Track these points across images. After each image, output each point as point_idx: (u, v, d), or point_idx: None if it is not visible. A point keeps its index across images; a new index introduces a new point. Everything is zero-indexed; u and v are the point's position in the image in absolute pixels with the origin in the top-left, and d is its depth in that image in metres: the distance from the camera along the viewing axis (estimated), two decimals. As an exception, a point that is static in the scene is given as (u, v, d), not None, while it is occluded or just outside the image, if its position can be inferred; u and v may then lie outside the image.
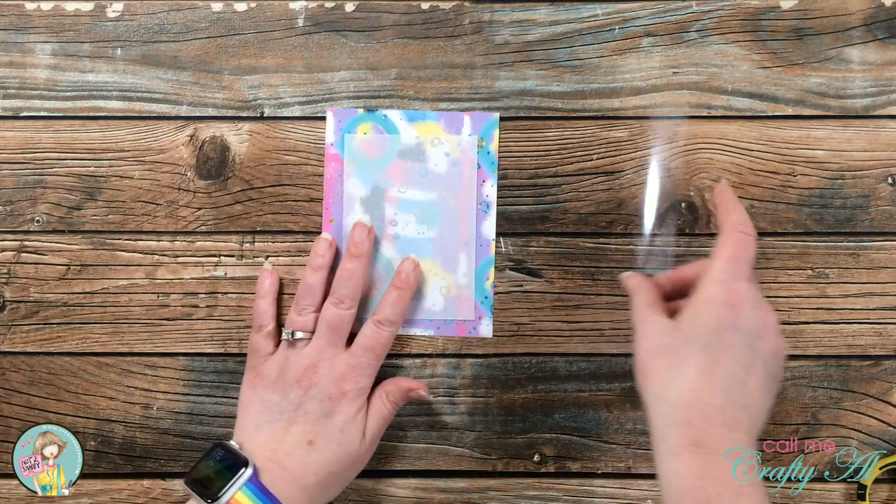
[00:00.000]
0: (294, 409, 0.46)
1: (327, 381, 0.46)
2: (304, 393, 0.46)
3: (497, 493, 0.52)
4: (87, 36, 0.53)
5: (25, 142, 0.53)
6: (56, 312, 0.52)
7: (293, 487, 0.44)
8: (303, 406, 0.46)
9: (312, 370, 0.47)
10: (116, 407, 0.52)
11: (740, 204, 0.45)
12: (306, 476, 0.45)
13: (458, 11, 0.53)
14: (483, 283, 0.52)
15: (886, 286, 0.52)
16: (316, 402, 0.46)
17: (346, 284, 0.48)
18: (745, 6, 0.53)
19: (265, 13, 0.53)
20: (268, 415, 0.46)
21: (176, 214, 0.53)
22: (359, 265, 0.49)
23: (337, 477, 0.47)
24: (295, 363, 0.47)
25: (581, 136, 0.53)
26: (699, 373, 0.39)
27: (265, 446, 0.45)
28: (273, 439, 0.46)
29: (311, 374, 0.47)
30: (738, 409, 0.39)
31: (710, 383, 0.39)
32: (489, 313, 0.52)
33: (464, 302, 0.52)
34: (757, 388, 0.40)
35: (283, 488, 0.44)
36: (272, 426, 0.46)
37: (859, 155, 0.52)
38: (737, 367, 0.39)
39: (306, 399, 0.46)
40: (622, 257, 0.52)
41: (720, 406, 0.38)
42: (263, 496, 0.42)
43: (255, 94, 0.53)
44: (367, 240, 0.50)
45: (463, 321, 0.52)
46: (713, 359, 0.39)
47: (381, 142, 0.53)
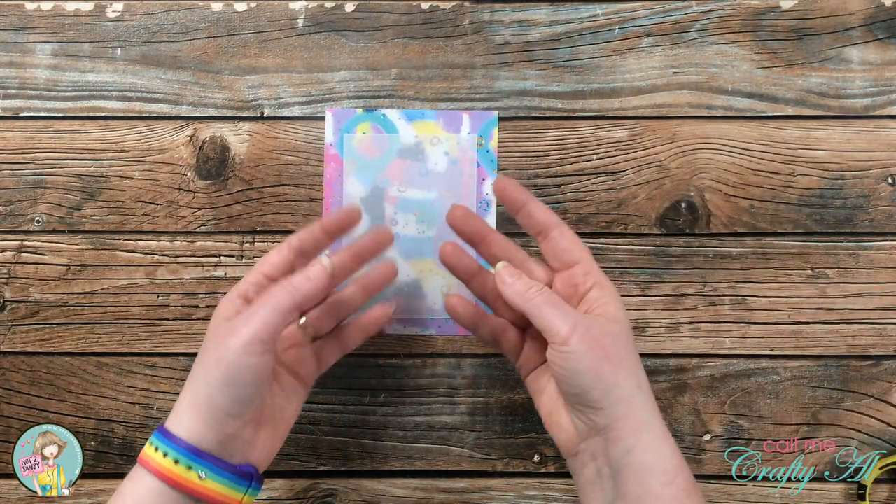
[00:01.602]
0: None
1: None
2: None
3: (497, 493, 0.52)
4: (87, 36, 0.53)
5: (25, 142, 0.53)
6: (56, 312, 0.52)
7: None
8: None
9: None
10: (116, 407, 0.52)
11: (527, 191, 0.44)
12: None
13: (458, 11, 0.53)
14: (483, 282, 0.52)
15: (886, 286, 0.52)
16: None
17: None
18: (745, 6, 0.53)
19: (265, 13, 0.53)
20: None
21: (176, 214, 0.53)
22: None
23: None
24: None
25: (581, 137, 0.53)
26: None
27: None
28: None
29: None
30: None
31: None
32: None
33: None
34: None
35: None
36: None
37: (859, 155, 0.52)
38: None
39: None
40: (622, 257, 0.52)
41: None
42: (159, 435, 0.40)
43: (255, 94, 0.53)
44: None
45: (463, 321, 0.52)
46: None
47: (381, 141, 0.53)
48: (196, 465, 0.39)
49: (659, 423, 0.39)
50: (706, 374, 0.52)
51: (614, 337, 0.39)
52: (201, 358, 0.41)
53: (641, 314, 0.52)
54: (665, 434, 0.39)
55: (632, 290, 0.52)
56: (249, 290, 0.42)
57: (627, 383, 0.39)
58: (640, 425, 0.38)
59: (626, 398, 0.38)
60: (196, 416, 0.40)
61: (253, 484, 0.41)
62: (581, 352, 0.38)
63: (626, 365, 0.39)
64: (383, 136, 0.53)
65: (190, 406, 0.40)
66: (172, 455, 0.39)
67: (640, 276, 0.52)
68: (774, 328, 0.52)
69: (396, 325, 0.53)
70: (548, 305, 0.40)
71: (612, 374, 0.38)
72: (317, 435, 0.52)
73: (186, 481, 0.39)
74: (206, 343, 0.41)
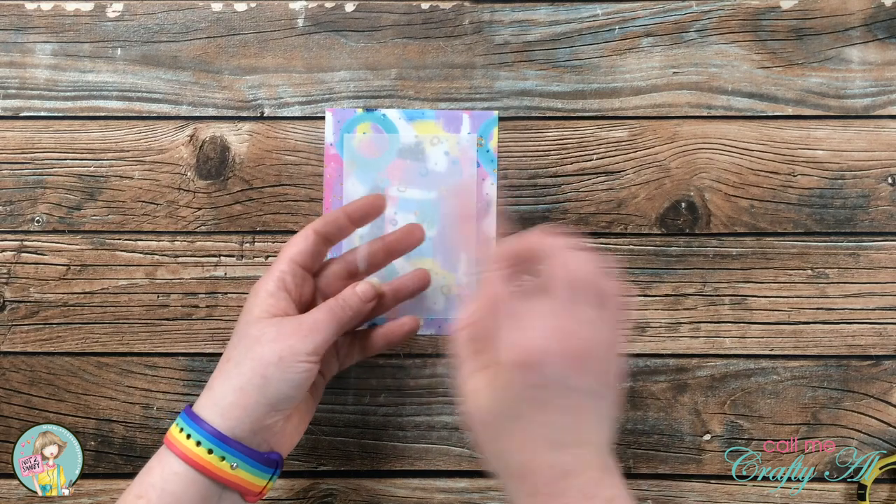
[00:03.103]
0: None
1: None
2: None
3: (497, 493, 0.52)
4: (87, 36, 0.53)
5: (25, 142, 0.53)
6: (56, 312, 0.52)
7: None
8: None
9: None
10: (116, 407, 0.52)
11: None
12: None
13: (458, 11, 0.53)
14: (483, 282, 0.52)
15: (886, 286, 0.52)
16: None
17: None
18: (745, 6, 0.53)
19: (265, 13, 0.53)
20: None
21: (176, 214, 0.53)
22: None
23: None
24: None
25: (581, 136, 0.53)
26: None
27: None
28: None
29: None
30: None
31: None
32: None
33: (465, 301, 0.52)
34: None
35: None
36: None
37: (859, 155, 0.52)
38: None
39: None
40: (622, 257, 0.52)
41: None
42: (188, 419, 0.41)
43: (255, 94, 0.53)
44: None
45: (463, 321, 0.52)
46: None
47: (381, 141, 0.53)
48: (230, 455, 0.40)
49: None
50: (706, 374, 0.52)
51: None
52: (253, 346, 0.41)
53: (641, 314, 0.52)
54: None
55: (632, 290, 0.52)
56: (286, 280, 0.43)
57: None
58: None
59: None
60: (239, 404, 0.40)
61: (277, 471, 0.42)
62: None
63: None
64: (383, 136, 0.53)
65: (235, 393, 0.40)
66: (206, 445, 0.39)
67: (640, 276, 0.52)
68: (774, 328, 0.52)
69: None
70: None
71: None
72: (317, 435, 0.52)
73: (219, 469, 0.39)
74: (257, 334, 0.41)
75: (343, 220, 0.45)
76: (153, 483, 0.40)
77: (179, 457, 0.40)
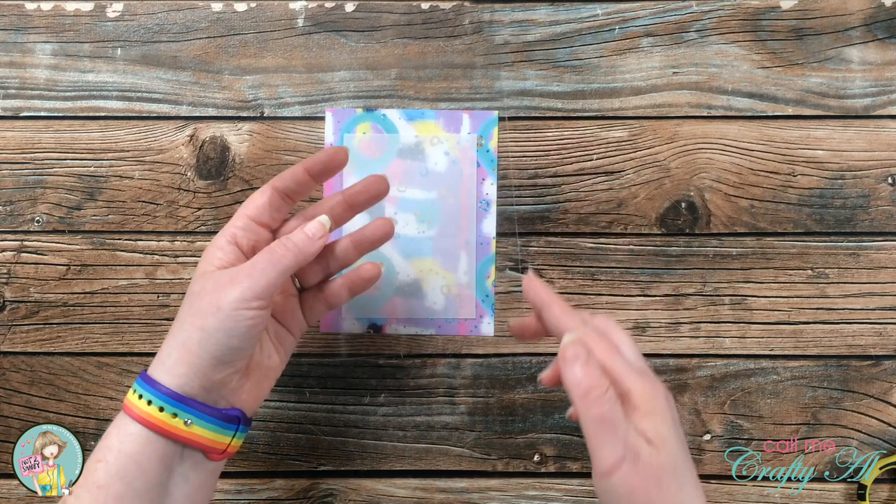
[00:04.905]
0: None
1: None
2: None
3: (497, 493, 0.52)
4: (87, 36, 0.53)
5: (25, 142, 0.53)
6: (56, 312, 0.52)
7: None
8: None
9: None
10: (116, 407, 0.52)
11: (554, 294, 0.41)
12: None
13: (458, 11, 0.53)
14: (484, 281, 0.52)
15: (886, 286, 0.52)
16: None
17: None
18: (745, 6, 0.53)
19: (265, 13, 0.53)
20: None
21: (176, 214, 0.53)
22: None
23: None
24: None
25: (581, 136, 0.53)
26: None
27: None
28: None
29: None
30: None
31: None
32: (490, 311, 0.52)
33: (465, 300, 0.52)
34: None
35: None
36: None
37: (859, 155, 0.52)
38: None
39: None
40: (622, 257, 0.52)
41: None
42: (141, 381, 0.40)
43: (255, 94, 0.53)
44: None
45: (464, 320, 0.52)
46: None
47: (381, 141, 0.53)
48: (182, 412, 0.39)
49: None
50: (706, 374, 0.52)
51: (661, 477, 0.35)
52: (193, 302, 0.40)
53: (641, 314, 0.52)
54: None
55: (632, 290, 0.52)
56: (238, 235, 0.42)
57: None
58: None
59: None
60: (183, 360, 0.39)
61: (241, 427, 0.41)
62: (622, 494, 0.35)
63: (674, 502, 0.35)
64: (383, 135, 0.53)
65: (177, 349, 0.40)
66: (157, 403, 0.39)
67: (640, 276, 0.52)
68: (774, 328, 0.52)
69: (396, 324, 0.53)
70: (598, 423, 0.35)
71: None
72: (317, 435, 0.52)
73: (172, 427, 0.39)
74: (198, 289, 0.40)
75: (301, 175, 0.44)
76: (110, 446, 0.39)
77: (134, 418, 0.39)
